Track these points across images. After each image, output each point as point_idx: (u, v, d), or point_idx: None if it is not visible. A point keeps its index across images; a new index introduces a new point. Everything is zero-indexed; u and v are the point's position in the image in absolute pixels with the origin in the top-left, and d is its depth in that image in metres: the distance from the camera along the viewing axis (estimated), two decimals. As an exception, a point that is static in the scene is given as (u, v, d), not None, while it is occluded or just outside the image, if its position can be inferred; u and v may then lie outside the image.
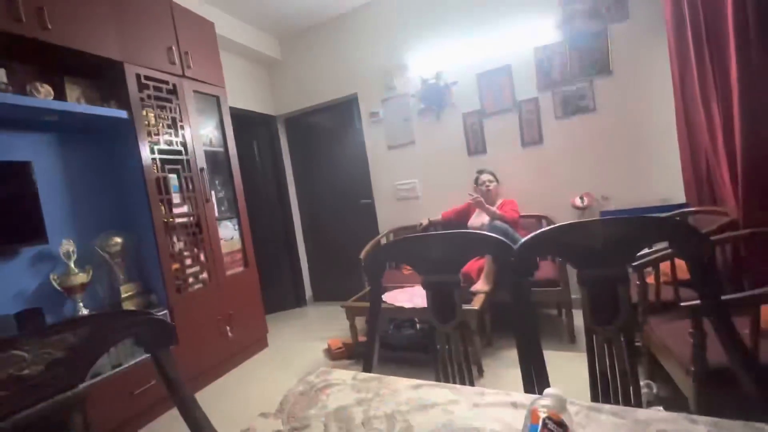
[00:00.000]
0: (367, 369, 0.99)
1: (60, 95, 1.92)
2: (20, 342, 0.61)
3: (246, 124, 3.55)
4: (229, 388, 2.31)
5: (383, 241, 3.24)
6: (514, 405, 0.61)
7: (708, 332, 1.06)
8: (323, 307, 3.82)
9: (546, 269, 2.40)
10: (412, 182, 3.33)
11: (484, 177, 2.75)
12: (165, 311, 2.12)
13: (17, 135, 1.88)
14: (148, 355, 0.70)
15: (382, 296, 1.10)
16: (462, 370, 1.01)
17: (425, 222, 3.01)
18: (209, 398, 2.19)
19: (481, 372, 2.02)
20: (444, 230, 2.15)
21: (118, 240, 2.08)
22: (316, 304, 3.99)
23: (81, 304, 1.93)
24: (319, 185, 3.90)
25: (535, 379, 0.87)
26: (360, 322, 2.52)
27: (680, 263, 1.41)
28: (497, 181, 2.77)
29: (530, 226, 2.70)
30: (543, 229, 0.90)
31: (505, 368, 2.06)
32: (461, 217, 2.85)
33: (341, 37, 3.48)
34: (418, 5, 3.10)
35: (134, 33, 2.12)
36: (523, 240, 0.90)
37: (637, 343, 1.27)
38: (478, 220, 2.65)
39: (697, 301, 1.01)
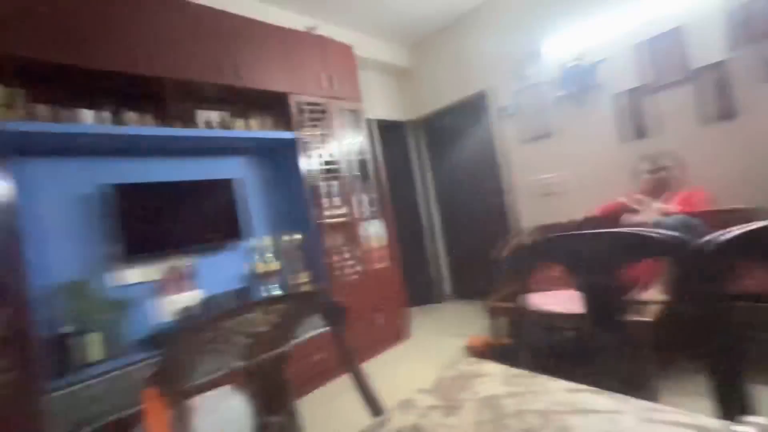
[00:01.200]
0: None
1: (247, 126, 2.53)
2: (251, 308, 0.87)
3: (383, 131, 3.88)
4: (374, 373, 2.57)
5: (527, 239, 3.05)
6: (699, 429, 0.52)
7: None
8: (461, 304, 3.84)
9: (760, 279, 1.83)
10: (555, 176, 3.03)
11: (654, 166, 2.28)
12: (329, 297, 2.53)
13: (222, 159, 2.57)
14: (321, 330, 0.88)
15: (528, 298, 1.07)
16: (626, 392, 0.89)
17: (579, 219, 2.69)
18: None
19: (653, 398, 1.69)
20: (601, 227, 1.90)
21: (298, 236, 2.61)
22: (454, 300, 4.05)
23: (273, 287, 2.50)
24: (454, 184, 3.95)
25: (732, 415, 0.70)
26: (502, 322, 2.45)
27: None
28: (665, 169, 2.25)
29: (731, 223, 2.09)
30: (749, 225, 0.72)
31: (686, 397, 1.67)
32: (623, 212, 2.43)
33: (468, 35, 3.44)
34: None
35: (296, 68, 2.62)
36: (719, 239, 0.74)
37: None
38: (648, 215, 2.21)
39: None
